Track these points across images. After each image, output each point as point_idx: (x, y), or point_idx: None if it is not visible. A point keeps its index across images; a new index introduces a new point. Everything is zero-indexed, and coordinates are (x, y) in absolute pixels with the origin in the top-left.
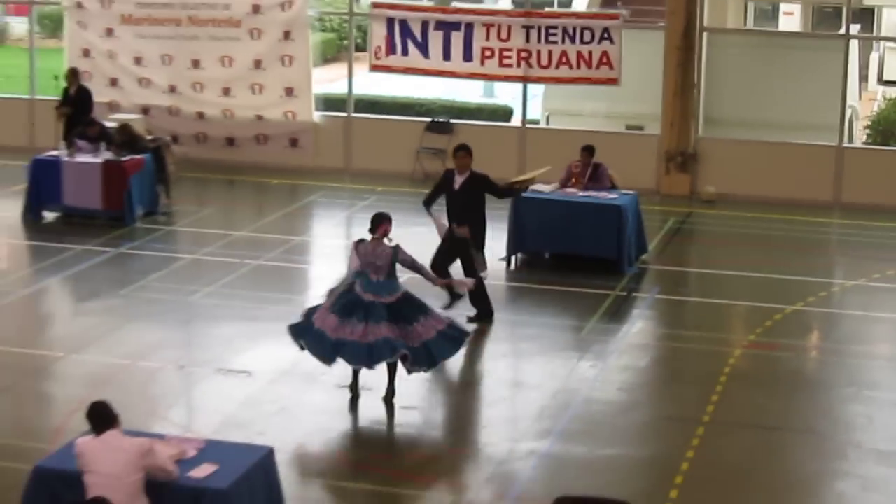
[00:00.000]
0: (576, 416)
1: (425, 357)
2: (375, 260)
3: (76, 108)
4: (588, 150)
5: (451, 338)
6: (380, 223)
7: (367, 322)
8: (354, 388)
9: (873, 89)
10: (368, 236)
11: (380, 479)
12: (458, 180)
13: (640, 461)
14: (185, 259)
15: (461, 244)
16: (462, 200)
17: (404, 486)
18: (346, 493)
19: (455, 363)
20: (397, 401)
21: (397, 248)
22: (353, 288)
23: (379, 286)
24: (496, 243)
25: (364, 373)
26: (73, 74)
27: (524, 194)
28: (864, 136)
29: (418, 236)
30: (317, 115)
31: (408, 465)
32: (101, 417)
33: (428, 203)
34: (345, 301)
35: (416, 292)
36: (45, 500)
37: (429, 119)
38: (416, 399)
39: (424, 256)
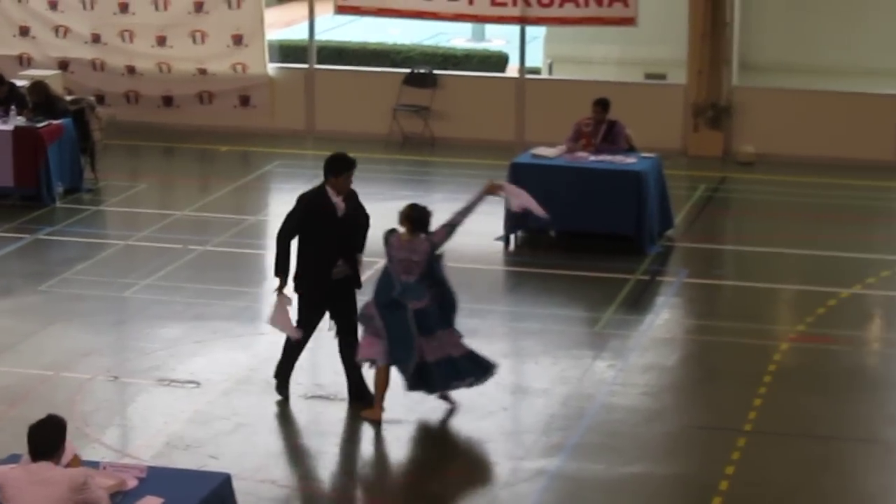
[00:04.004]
0: (592, 427)
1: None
2: (411, 255)
3: None
4: (600, 105)
5: (479, 364)
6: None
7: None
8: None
9: None
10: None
11: None
12: (341, 205)
13: (671, 480)
14: (117, 245)
15: (345, 288)
16: (349, 230)
17: None
18: None
19: None
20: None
21: (429, 235)
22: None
23: (408, 289)
24: (492, 219)
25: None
26: None
27: (523, 160)
28: None
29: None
30: (271, 68)
31: (390, 491)
32: (45, 441)
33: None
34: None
35: None
36: None
37: (407, 70)
38: (400, 411)
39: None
